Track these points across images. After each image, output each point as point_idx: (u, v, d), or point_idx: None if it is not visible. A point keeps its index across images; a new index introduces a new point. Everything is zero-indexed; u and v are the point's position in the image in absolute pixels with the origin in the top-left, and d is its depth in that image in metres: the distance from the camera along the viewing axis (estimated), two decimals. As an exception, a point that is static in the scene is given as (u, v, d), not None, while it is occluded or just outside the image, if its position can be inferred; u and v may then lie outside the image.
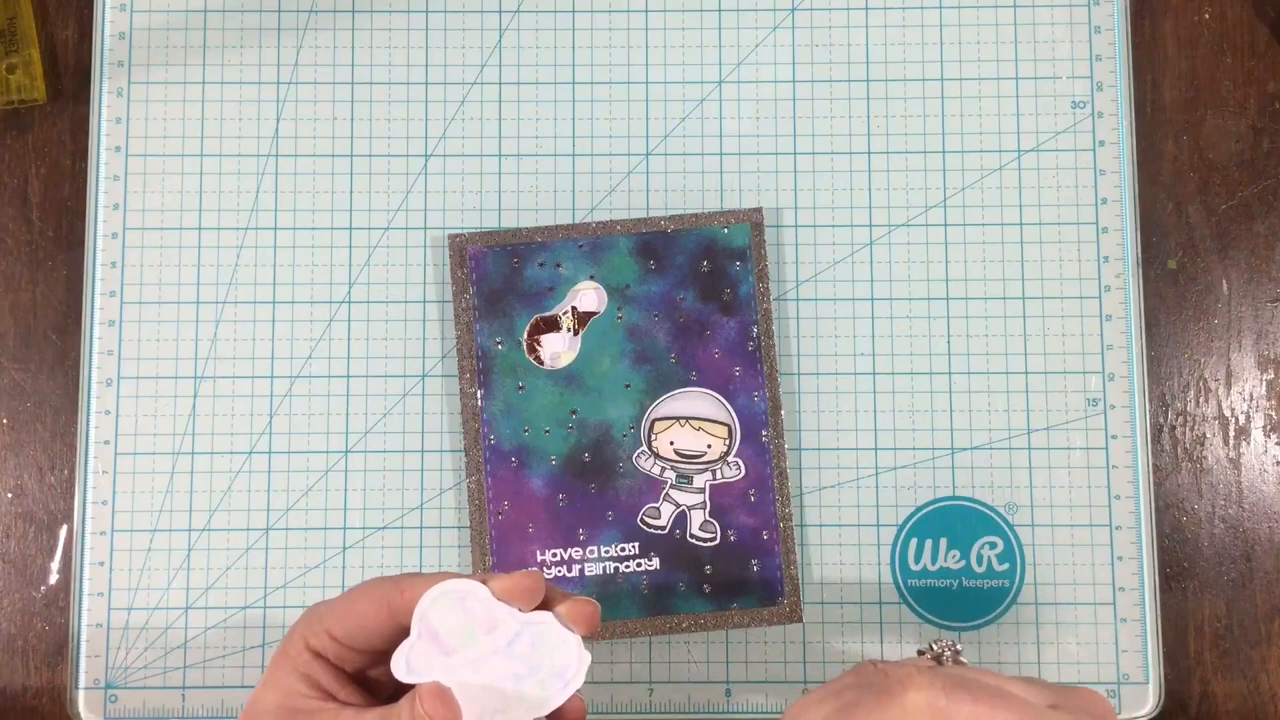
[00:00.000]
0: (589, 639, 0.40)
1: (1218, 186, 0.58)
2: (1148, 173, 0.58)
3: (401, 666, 0.38)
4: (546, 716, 0.39)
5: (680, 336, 0.56)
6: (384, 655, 0.40)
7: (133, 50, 0.58)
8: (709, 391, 0.56)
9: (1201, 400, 0.57)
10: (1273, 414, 0.57)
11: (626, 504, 0.55)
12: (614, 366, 0.56)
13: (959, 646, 0.39)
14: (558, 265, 0.56)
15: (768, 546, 0.55)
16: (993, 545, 0.56)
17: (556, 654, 0.39)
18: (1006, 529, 0.56)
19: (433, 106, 0.58)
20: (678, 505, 0.55)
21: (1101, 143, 0.58)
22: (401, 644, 0.38)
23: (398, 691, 0.40)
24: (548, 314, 0.56)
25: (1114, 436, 0.56)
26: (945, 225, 0.57)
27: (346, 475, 0.56)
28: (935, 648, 0.39)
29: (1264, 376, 0.57)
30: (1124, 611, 0.55)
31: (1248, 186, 0.58)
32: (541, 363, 0.56)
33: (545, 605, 0.39)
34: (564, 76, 0.58)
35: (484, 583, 0.38)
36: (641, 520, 0.55)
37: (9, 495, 0.57)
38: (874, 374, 0.57)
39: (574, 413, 0.55)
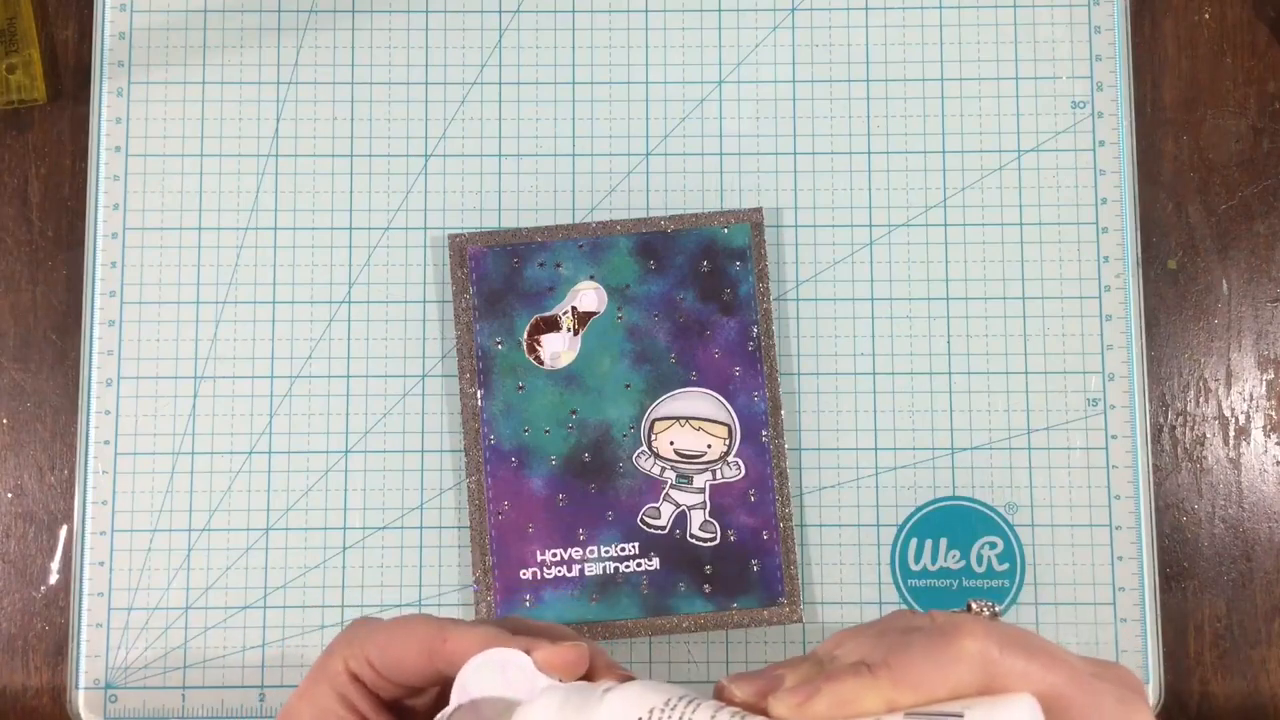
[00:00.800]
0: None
1: (1218, 186, 0.58)
2: (1148, 173, 0.58)
3: None
4: None
5: (680, 336, 0.56)
6: (420, 690, 0.40)
7: (133, 50, 0.58)
8: (709, 391, 0.56)
9: (1201, 400, 0.57)
10: (1273, 414, 0.57)
11: (626, 504, 0.55)
12: (614, 366, 0.56)
13: (998, 608, 0.39)
14: (558, 265, 0.56)
15: (768, 546, 0.55)
16: (993, 545, 0.56)
17: None
18: (1006, 529, 0.56)
19: (433, 106, 0.58)
20: (678, 505, 0.55)
21: (1101, 143, 0.58)
22: (441, 712, 0.37)
23: None
24: (548, 314, 0.56)
25: (1114, 436, 0.56)
26: (945, 225, 0.57)
27: (346, 475, 0.56)
28: (975, 607, 0.38)
29: (1264, 376, 0.57)
30: (1124, 611, 0.55)
31: (1248, 186, 0.58)
32: (541, 363, 0.56)
33: (589, 676, 0.38)
34: (564, 76, 0.58)
35: (528, 651, 0.38)
36: (641, 520, 0.55)
37: (9, 495, 0.57)
38: (874, 374, 0.57)
39: (574, 413, 0.55)
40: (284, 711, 0.40)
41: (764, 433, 0.55)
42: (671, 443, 0.55)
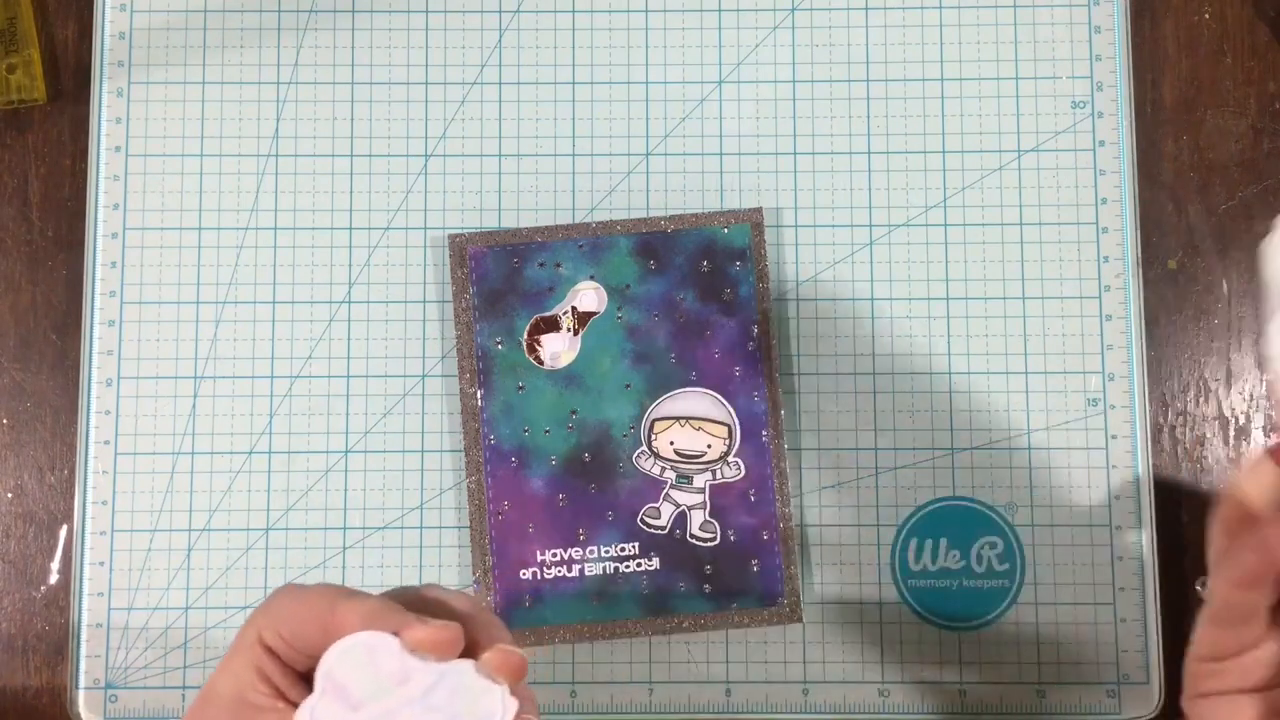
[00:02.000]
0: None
1: (1218, 186, 0.58)
2: (1148, 173, 0.58)
3: None
4: None
5: (680, 336, 0.56)
6: None
7: (133, 50, 0.58)
8: (709, 391, 0.56)
9: (1201, 400, 0.57)
10: (1273, 414, 0.57)
11: (626, 504, 0.55)
12: (614, 366, 0.56)
13: None
14: (558, 265, 0.56)
15: (768, 546, 0.55)
16: (993, 545, 0.56)
17: (480, 702, 0.37)
18: (1006, 529, 0.56)
19: (433, 106, 0.58)
20: (678, 505, 0.55)
21: (1101, 143, 0.58)
22: (307, 699, 0.37)
23: None
24: (548, 314, 0.56)
25: (1114, 436, 0.56)
26: (945, 225, 0.57)
27: (346, 475, 0.56)
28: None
29: (1264, 376, 0.57)
30: (1124, 611, 0.55)
31: (1248, 186, 0.58)
32: (541, 363, 0.56)
33: (472, 652, 0.38)
34: (564, 76, 0.58)
35: (398, 632, 0.37)
36: (641, 520, 0.55)
37: (9, 495, 0.57)
38: (874, 374, 0.57)
39: (574, 413, 0.55)
40: (207, 685, 0.39)
41: (764, 433, 0.55)
42: (671, 443, 0.55)
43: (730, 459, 0.55)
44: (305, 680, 0.39)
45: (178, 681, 0.55)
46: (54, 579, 0.57)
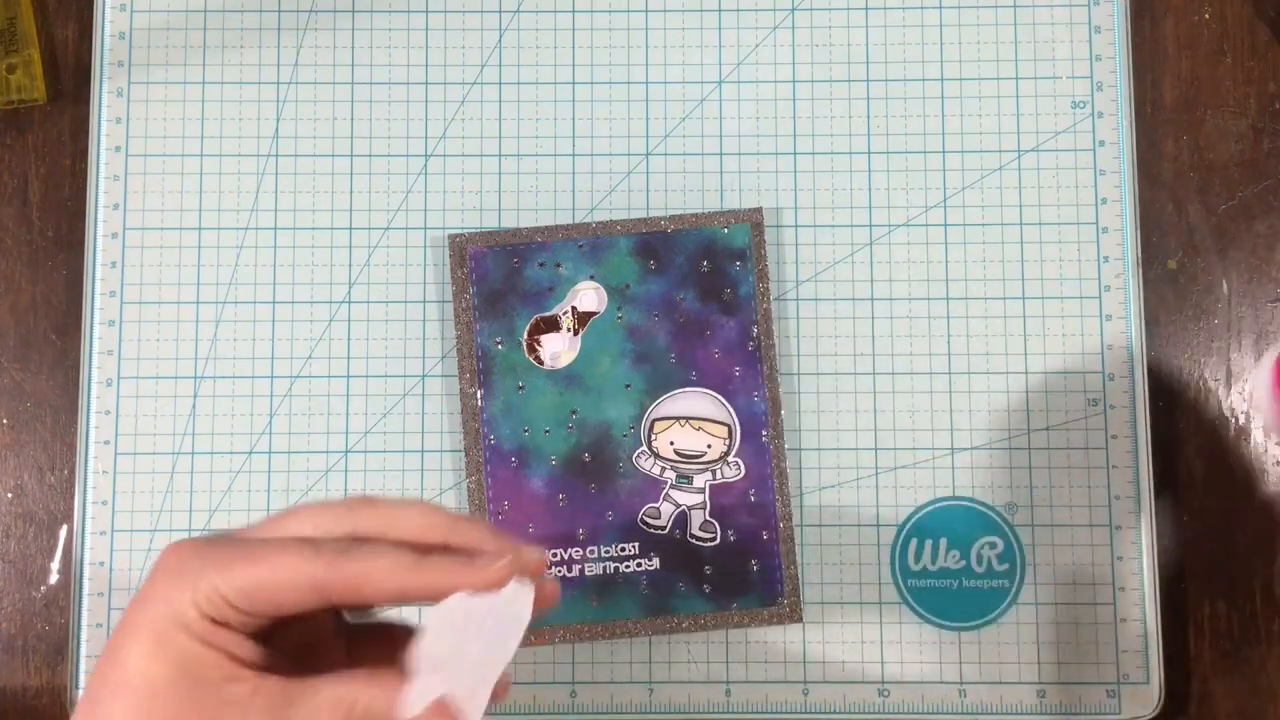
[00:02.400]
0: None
1: (1218, 186, 0.58)
2: (1148, 173, 0.58)
3: (410, 707, 0.37)
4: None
5: (680, 336, 0.56)
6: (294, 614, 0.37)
7: (133, 50, 0.58)
8: (709, 391, 0.56)
9: (1201, 400, 0.57)
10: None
11: (626, 504, 0.55)
12: (614, 366, 0.56)
13: None
14: (558, 265, 0.56)
15: (768, 546, 0.55)
16: (993, 545, 0.56)
17: (511, 609, 0.38)
18: (1006, 529, 0.56)
19: (433, 106, 0.58)
20: (678, 505, 0.55)
21: (1101, 143, 0.58)
22: (409, 687, 0.36)
23: (299, 642, 0.38)
24: (548, 314, 0.56)
25: (1114, 436, 0.56)
26: (945, 225, 0.57)
27: (346, 475, 0.56)
28: None
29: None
30: (1124, 611, 0.55)
31: (1248, 186, 0.58)
32: (541, 363, 0.56)
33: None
34: (564, 76, 0.58)
35: (498, 583, 0.37)
36: (641, 520, 0.55)
37: (9, 495, 0.57)
38: (874, 374, 0.57)
39: (574, 413, 0.55)
40: (125, 676, 0.36)
41: (764, 433, 0.55)
42: (671, 443, 0.55)
43: (730, 459, 0.55)
44: (252, 636, 0.37)
45: (178, 681, 0.55)
46: (54, 579, 0.57)
